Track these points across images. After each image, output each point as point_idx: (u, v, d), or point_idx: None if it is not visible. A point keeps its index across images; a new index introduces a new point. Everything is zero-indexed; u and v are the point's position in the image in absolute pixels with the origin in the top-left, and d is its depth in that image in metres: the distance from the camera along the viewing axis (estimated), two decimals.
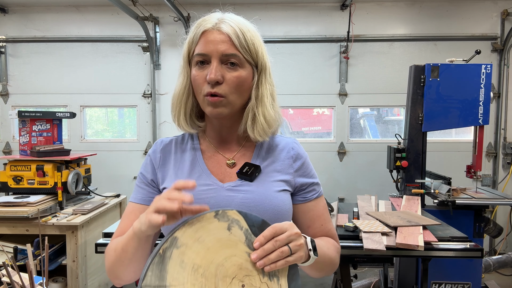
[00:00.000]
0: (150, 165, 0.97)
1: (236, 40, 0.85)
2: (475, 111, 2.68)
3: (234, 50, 0.85)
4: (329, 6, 4.02)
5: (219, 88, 0.85)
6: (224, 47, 0.84)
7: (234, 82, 0.86)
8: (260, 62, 0.90)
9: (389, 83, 4.02)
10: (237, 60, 0.86)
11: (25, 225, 2.45)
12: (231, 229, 0.72)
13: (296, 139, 1.03)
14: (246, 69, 0.88)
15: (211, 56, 0.85)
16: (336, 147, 4.10)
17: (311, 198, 0.97)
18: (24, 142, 2.77)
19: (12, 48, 4.14)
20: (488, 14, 3.98)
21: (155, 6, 3.95)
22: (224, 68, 0.85)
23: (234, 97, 0.87)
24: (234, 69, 0.86)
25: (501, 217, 3.97)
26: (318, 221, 0.98)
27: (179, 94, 0.92)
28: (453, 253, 1.86)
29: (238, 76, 0.86)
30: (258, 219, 0.75)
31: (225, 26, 0.85)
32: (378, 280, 3.20)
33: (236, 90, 0.87)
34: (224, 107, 0.87)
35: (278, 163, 0.96)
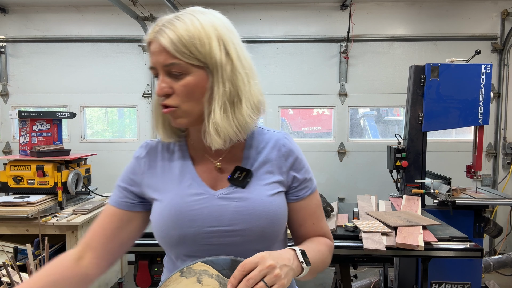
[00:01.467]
0: (135, 168, 0.94)
1: (171, 48, 0.78)
2: (475, 111, 2.68)
3: (172, 59, 0.79)
4: (329, 6, 4.02)
5: (168, 100, 0.82)
6: (163, 58, 0.80)
7: (182, 91, 0.81)
8: (211, 62, 0.80)
9: (389, 83, 4.02)
10: (179, 69, 0.80)
11: (25, 225, 2.45)
12: (202, 281, 0.71)
13: (287, 133, 0.98)
14: (193, 74, 0.81)
15: (158, 69, 0.82)
16: (336, 147, 4.10)
17: (304, 196, 0.94)
18: (24, 142, 2.77)
19: (12, 48, 4.14)
20: (488, 14, 3.98)
21: (155, 6, 3.95)
22: (171, 78, 0.81)
23: (188, 106, 0.82)
24: (180, 78, 0.81)
25: (501, 217, 3.97)
26: (310, 219, 0.95)
27: (154, 106, 0.90)
28: (453, 253, 1.86)
29: (185, 85, 0.81)
30: (227, 260, 0.73)
31: (161, 36, 0.80)
32: (378, 280, 3.20)
33: (188, 98, 0.81)
34: (181, 117, 0.83)
35: (269, 164, 0.92)
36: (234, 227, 0.85)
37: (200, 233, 0.85)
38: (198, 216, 0.85)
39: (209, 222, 0.85)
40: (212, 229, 0.85)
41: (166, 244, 0.88)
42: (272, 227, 0.87)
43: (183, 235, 0.85)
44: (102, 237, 0.90)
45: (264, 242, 0.87)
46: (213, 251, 0.85)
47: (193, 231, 0.84)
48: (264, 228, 0.85)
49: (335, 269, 2.38)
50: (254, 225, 0.85)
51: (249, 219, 0.85)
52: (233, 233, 0.85)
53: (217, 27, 0.82)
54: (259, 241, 0.86)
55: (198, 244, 0.85)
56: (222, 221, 0.85)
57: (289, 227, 0.99)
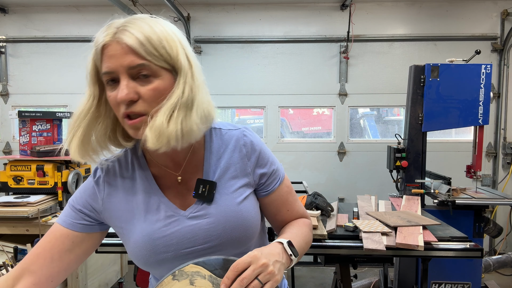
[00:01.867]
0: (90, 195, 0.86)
1: (140, 49, 0.72)
2: (475, 111, 2.68)
3: (140, 60, 0.73)
4: (329, 6, 4.03)
5: (136, 107, 0.74)
6: (129, 60, 0.72)
7: (151, 96, 0.74)
8: (177, 64, 0.77)
9: (389, 83, 4.02)
10: (148, 70, 0.74)
11: (25, 225, 2.45)
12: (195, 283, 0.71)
13: (246, 128, 0.92)
14: (162, 77, 0.75)
15: (118, 73, 0.73)
16: (336, 147, 4.10)
17: (274, 189, 0.93)
18: (24, 142, 2.77)
19: (12, 48, 4.14)
20: (488, 14, 3.98)
21: (155, 6, 3.95)
22: (136, 83, 0.74)
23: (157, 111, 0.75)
24: (148, 81, 0.74)
25: (501, 217, 3.97)
26: (284, 207, 0.95)
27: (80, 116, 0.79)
28: (453, 253, 1.86)
29: (155, 88, 0.74)
30: (219, 260, 0.72)
31: (124, 36, 0.73)
32: (378, 280, 3.20)
33: (156, 103, 0.74)
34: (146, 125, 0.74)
35: (232, 168, 0.88)
36: (209, 244, 0.84)
37: (177, 256, 0.84)
38: (172, 241, 0.83)
39: (184, 244, 0.83)
40: (188, 250, 0.84)
41: (146, 268, 0.87)
42: (247, 233, 0.86)
43: (160, 260, 0.83)
44: (47, 260, 0.81)
45: (242, 247, 0.87)
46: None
47: (170, 255, 0.83)
48: (239, 237, 0.85)
49: (335, 269, 2.38)
50: (229, 237, 0.84)
51: (223, 233, 0.84)
52: (210, 250, 0.84)
53: (177, 33, 0.79)
54: (236, 247, 0.86)
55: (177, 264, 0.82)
56: (196, 241, 0.83)
57: (266, 218, 1.00)
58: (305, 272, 3.77)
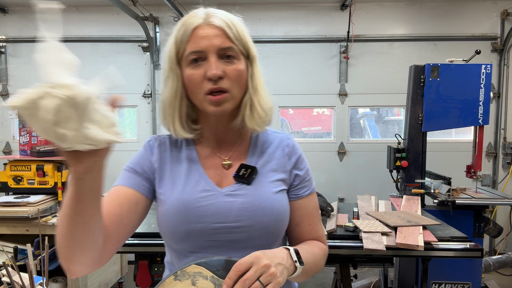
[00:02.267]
0: (147, 158, 0.92)
1: (230, 32, 0.83)
2: (475, 111, 2.68)
3: (229, 42, 0.83)
4: (329, 6, 4.02)
5: (222, 83, 0.82)
6: (220, 41, 0.82)
7: (235, 75, 0.84)
8: (251, 53, 0.89)
9: (389, 83, 4.02)
10: (234, 53, 0.84)
11: (25, 225, 2.45)
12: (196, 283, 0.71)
13: (289, 134, 1.01)
14: (241, 61, 0.86)
15: (207, 52, 0.82)
16: (336, 147, 4.10)
17: (303, 195, 0.95)
18: (24, 142, 2.76)
19: (12, 48, 4.14)
20: (488, 14, 3.98)
21: (155, 6, 3.95)
22: (222, 62, 0.83)
23: (236, 91, 0.85)
24: (231, 62, 0.84)
25: (501, 217, 3.97)
26: (307, 220, 0.96)
27: (171, 99, 0.88)
28: (453, 253, 1.86)
29: (237, 69, 0.84)
30: (221, 261, 0.72)
31: (216, 20, 0.83)
32: (378, 280, 3.20)
33: (237, 83, 0.85)
34: (228, 102, 0.84)
35: (273, 162, 0.94)
36: (240, 223, 0.86)
37: (207, 229, 0.85)
38: (205, 212, 0.86)
39: (216, 218, 0.86)
40: (218, 225, 0.86)
41: (172, 239, 0.88)
42: (276, 224, 0.88)
43: (190, 230, 0.85)
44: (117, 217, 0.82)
45: (268, 239, 0.89)
46: (218, 247, 0.86)
47: (200, 227, 0.85)
48: (268, 225, 0.87)
49: (335, 269, 2.38)
50: (259, 221, 0.86)
51: (255, 215, 0.86)
52: (239, 229, 0.86)
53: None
54: (263, 237, 0.88)
55: (204, 240, 0.86)
56: (228, 217, 0.86)
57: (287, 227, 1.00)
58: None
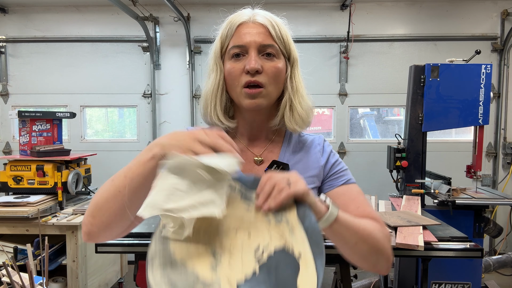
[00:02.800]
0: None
1: (272, 31, 0.87)
2: (475, 111, 2.68)
3: (271, 40, 0.87)
4: (329, 6, 4.02)
5: (259, 77, 0.85)
6: (262, 38, 0.86)
7: (272, 72, 0.86)
8: (292, 55, 0.92)
9: (389, 83, 4.02)
10: (274, 51, 0.87)
11: (25, 225, 2.45)
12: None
13: (323, 136, 1.03)
14: (281, 60, 0.89)
15: (249, 47, 0.85)
16: (336, 147, 4.10)
17: (338, 184, 0.93)
18: (24, 142, 2.76)
19: (12, 48, 4.14)
20: (488, 14, 3.98)
21: (155, 6, 3.95)
22: (261, 58, 0.86)
23: (272, 88, 0.87)
24: (271, 60, 0.87)
25: (501, 217, 3.97)
26: (353, 204, 0.89)
27: (213, 89, 0.91)
28: (453, 253, 1.86)
29: (276, 66, 0.87)
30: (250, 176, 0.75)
31: (260, 18, 0.88)
32: (378, 280, 3.20)
33: (274, 80, 0.87)
34: (263, 98, 0.86)
35: (305, 160, 0.95)
36: None
37: None
38: None
39: None
40: None
41: None
42: None
43: None
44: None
45: None
46: None
47: None
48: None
49: (335, 269, 2.38)
50: None
51: None
52: None
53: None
54: None
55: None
56: None
57: None
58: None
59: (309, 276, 0.64)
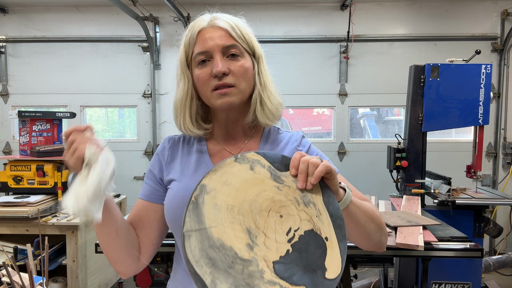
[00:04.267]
0: (158, 163, 0.98)
1: (233, 32, 0.88)
2: (475, 111, 2.68)
3: (233, 41, 0.88)
4: (329, 6, 4.02)
5: (227, 79, 0.87)
6: (223, 40, 0.87)
7: (239, 71, 0.88)
8: (256, 52, 0.94)
9: (389, 83, 4.02)
10: (238, 51, 0.89)
11: (25, 225, 2.45)
12: (254, 169, 0.74)
13: (302, 133, 1.04)
14: (246, 58, 0.91)
15: (213, 51, 0.87)
16: (336, 147, 4.10)
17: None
18: (24, 142, 2.76)
19: (12, 48, 4.14)
20: (488, 14, 3.98)
21: (155, 6, 3.95)
22: (227, 60, 0.88)
23: (243, 86, 0.89)
24: (236, 60, 0.89)
25: (501, 217, 3.97)
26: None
27: (182, 99, 0.93)
28: (453, 253, 1.86)
29: (242, 65, 0.89)
30: (278, 155, 0.76)
31: (219, 22, 0.89)
32: (378, 280, 3.20)
33: (243, 78, 0.89)
34: (234, 96, 0.88)
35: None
36: None
37: None
38: None
39: None
40: None
41: (176, 227, 0.90)
42: None
43: None
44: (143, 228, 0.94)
45: None
46: None
47: None
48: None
49: None
50: None
51: None
52: None
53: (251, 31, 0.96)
54: None
55: None
56: None
57: None
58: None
59: (335, 259, 0.71)
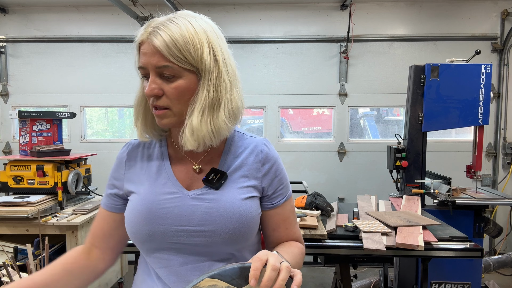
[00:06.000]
0: (117, 172, 0.98)
1: (166, 52, 0.79)
2: (475, 111, 2.68)
3: (165, 61, 0.80)
4: (329, 6, 4.03)
5: (160, 101, 0.83)
6: (156, 60, 0.81)
7: (173, 93, 0.82)
8: (204, 65, 0.82)
9: (389, 83, 4.02)
10: (171, 72, 0.81)
11: (25, 225, 2.45)
12: None
13: (267, 140, 0.99)
14: (185, 77, 0.82)
15: (149, 69, 0.83)
16: (336, 147, 4.10)
17: (278, 204, 0.95)
18: (24, 142, 2.77)
19: (12, 48, 4.14)
20: (488, 14, 3.98)
21: (155, 6, 3.95)
22: (162, 80, 0.82)
23: (179, 108, 0.84)
24: (171, 81, 0.82)
25: (501, 217, 3.97)
26: (284, 224, 0.96)
27: (135, 104, 0.93)
28: (453, 253, 1.86)
29: (176, 87, 0.82)
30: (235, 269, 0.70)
31: (155, 38, 0.80)
32: (378, 280, 3.20)
33: (178, 100, 0.83)
34: (169, 118, 0.85)
35: (245, 168, 0.92)
36: (203, 227, 0.86)
37: (169, 231, 0.86)
38: (168, 215, 0.87)
39: (179, 221, 0.86)
40: (181, 228, 0.86)
41: (136, 239, 0.89)
42: (241, 230, 0.87)
43: (152, 231, 0.86)
44: (102, 237, 0.97)
45: (233, 245, 0.87)
46: (181, 250, 0.87)
47: (162, 228, 0.86)
48: (232, 231, 0.86)
49: (335, 269, 2.38)
50: (223, 227, 0.85)
51: (218, 220, 0.85)
52: (202, 234, 0.86)
53: (208, 33, 0.84)
54: (228, 243, 0.86)
55: (167, 242, 0.87)
56: (191, 221, 0.86)
57: (263, 232, 1.00)
58: (305, 272, 3.77)
59: None
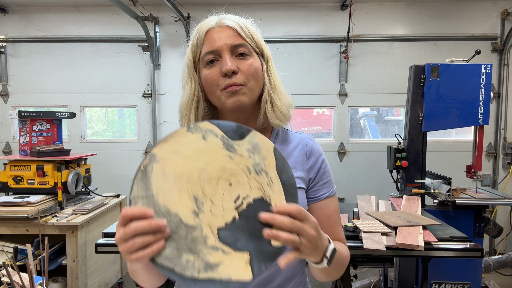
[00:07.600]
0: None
1: (241, 31, 0.87)
2: (475, 111, 2.68)
3: (241, 40, 0.87)
4: (329, 6, 4.02)
5: (235, 78, 0.85)
6: (232, 39, 0.86)
7: (249, 70, 0.86)
8: (265, 52, 0.92)
9: (389, 83, 4.02)
10: (246, 50, 0.87)
11: (25, 225, 2.45)
12: (206, 138, 0.73)
13: (311, 136, 1.01)
14: (255, 58, 0.89)
15: (221, 51, 0.85)
16: (336, 147, 4.10)
17: (322, 198, 0.94)
18: (24, 142, 2.76)
19: (12, 48, 4.14)
20: (488, 14, 3.98)
21: (155, 6, 3.95)
22: (235, 59, 0.86)
23: (252, 85, 0.87)
24: (245, 59, 0.87)
25: (501, 217, 3.97)
26: (327, 222, 0.94)
27: (188, 101, 0.91)
28: (453, 253, 1.86)
29: (251, 64, 0.87)
30: (232, 125, 0.74)
31: (227, 21, 0.88)
32: (378, 280, 3.20)
33: (253, 77, 0.87)
34: (244, 95, 0.86)
35: (292, 159, 0.94)
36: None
37: None
38: None
39: None
40: None
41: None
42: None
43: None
44: None
45: None
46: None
47: None
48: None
49: None
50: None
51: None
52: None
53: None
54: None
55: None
56: None
57: None
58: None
59: None
